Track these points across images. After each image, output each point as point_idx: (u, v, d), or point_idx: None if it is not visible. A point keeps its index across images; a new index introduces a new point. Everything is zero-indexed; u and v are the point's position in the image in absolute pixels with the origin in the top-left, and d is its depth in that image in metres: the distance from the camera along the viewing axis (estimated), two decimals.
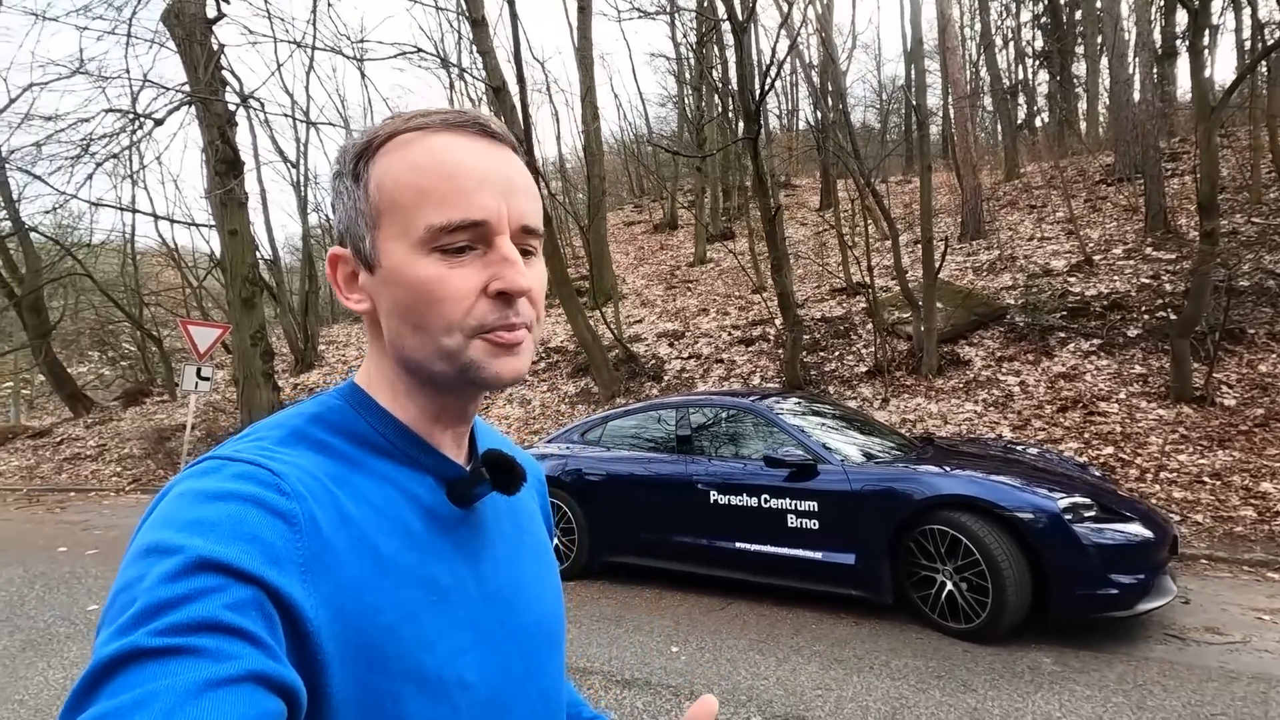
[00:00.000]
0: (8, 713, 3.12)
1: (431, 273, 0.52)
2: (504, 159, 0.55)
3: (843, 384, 8.41)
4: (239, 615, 0.38)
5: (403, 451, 0.56)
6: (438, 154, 0.53)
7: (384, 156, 0.54)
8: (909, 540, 3.60)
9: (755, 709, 2.84)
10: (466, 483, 0.58)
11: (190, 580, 0.38)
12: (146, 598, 0.37)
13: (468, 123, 0.55)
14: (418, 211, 0.52)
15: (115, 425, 13.83)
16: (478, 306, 0.52)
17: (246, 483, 0.45)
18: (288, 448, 0.51)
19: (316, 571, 0.45)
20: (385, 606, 0.48)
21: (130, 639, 0.36)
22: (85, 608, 4.54)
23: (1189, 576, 4.12)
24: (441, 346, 0.53)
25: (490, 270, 0.52)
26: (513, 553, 0.62)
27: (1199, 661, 3.07)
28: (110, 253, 18.44)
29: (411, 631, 0.48)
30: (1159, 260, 8.79)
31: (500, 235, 0.53)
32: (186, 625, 0.36)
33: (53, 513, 8.50)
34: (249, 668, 0.37)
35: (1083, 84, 19.36)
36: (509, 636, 0.57)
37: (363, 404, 0.57)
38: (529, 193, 0.56)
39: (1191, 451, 5.70)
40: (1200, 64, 7.16)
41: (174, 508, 0.43)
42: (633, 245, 19.54)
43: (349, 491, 0.51)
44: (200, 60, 10.49)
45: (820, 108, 14.24)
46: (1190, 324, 6.32)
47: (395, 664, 0.47)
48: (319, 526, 0.46)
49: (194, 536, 0.40)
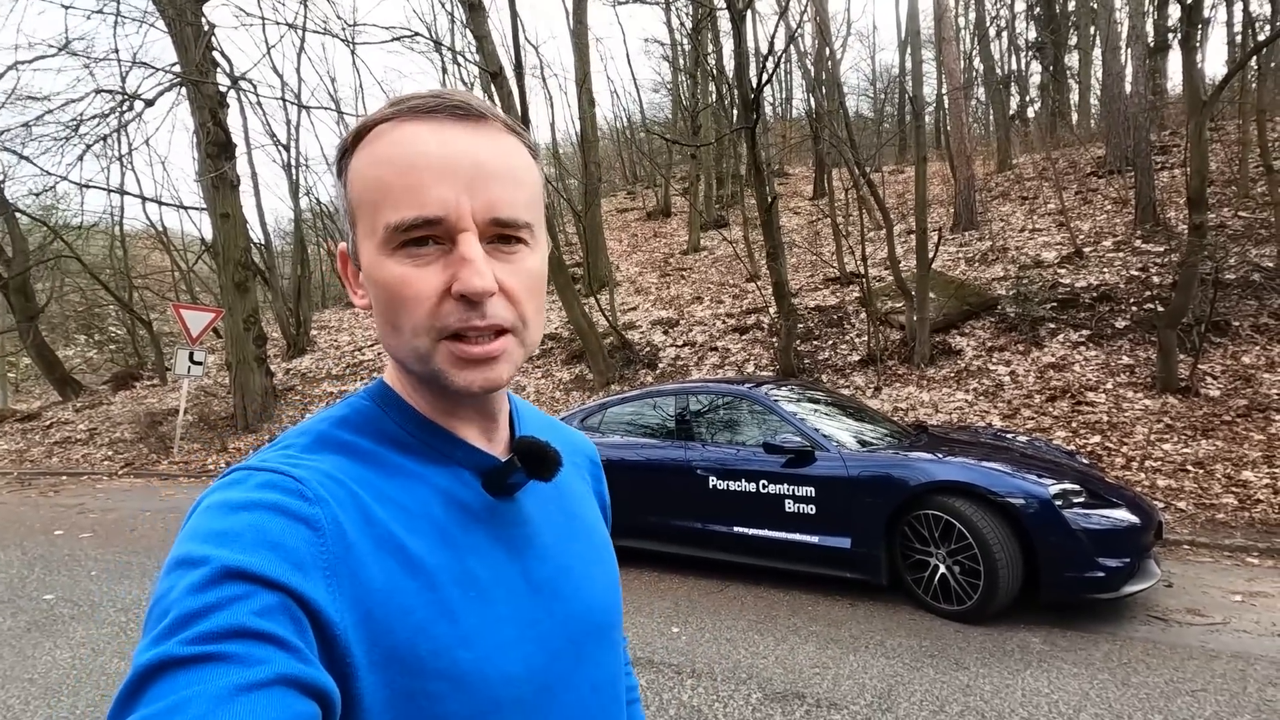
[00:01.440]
0: (19, 691, 3.16)
1: (396, 273, 0.50)
2: (480, 142, 0.52)
3: (836, 372, 8.51)
4: (267, 621, 0.39)
5: (431, 447, 0.56)
6: (400, 146, 0.50)
7: (359, 152, 0.52)
8: (904, 524, 3.69)
9: (755, 686, 2.93)
10: (500, 472, 0.57)
11: (217, 590, 0.39)
12: (178, 609, 0.39)
13: (440, 107, 0.51)
14: (379, 210, 0.50)
15: (105, 409, 13.74)
16: (443, 308, 0.50)
17: (270, 491, 0.46)
18: (313, 453, 0.52)
19: (341, 575, 0.45)
20: (416, 606, 0.48)
21: (163, 648, 0.37)
22: (87, 589, 4.57)
23: (1172, 561, 4.24)
24: (413, 349, 0.52)
25: (451, 270, 0.50)
26: (562, 540, 0.62)
27: (1181, 641, 3.19)
28: (98, 235, 18.20)
29: (446, 629, 0.48)
30: (1148, 253, 8.92)
31: (463, 232, 0.50)
32: (215, 633, 0.38)
33: (46, 496, 8.47)
34: (279, 671, 0.38)
35: (1075, 75, 19.45)
36: (558, 627, 0.56)
37: (389, 401, 0.57)
38: (511, 178, 0.52)
39: (1176, 441, 5.83)
40: (1192, 58, 7.24)
41: (201, 521, 0.44)
42: (626, 232, 19.51)
43: (375, 492, 0.51)
44: (190, 41, 10.37)
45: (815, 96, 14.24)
46: (1177, 316, 6.44)
47: (430, 663, 0.47)
48: (343, 530, 0.47)
49: (219, 548, 0.41)
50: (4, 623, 4.01)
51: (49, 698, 3.09)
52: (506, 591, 0.54)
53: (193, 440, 10.98)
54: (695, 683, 2.98)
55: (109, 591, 4.53)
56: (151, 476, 9.65)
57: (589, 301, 11.31)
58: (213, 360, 14.49)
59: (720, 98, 17.75)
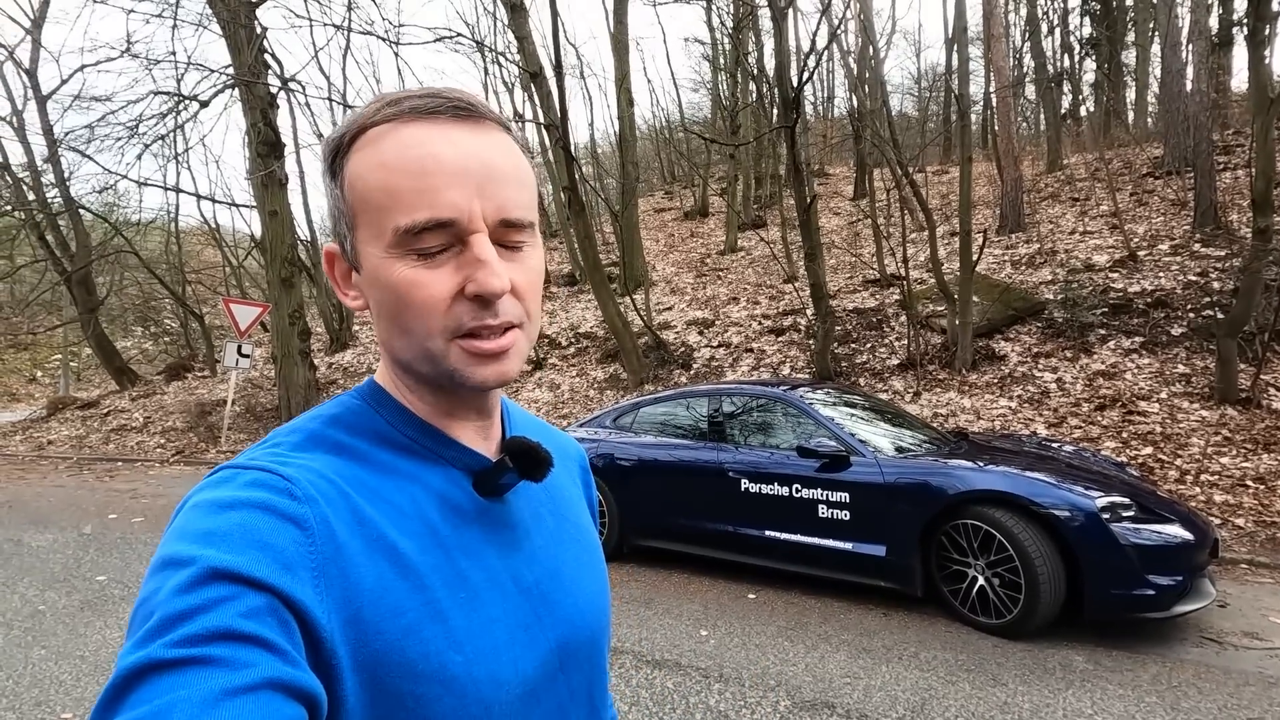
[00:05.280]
0: (70, 667, 3.30)
1: (407, 276, 0.50)
2: (486, 143, 0.51)
3: (874, 376, 8.35)
4: (254, 623, 0.38)
5: (423, 446, 0.56)
6: (407, 149, 0.49)
7: (356, 153, 0.51)
8: (941, 534, 3.60)
9: (784, 694, 2.88)
10: (492, 473, 0.57)
11: (203, 591, 0.38)
12: (163, 610, 0.38)
13: (441, 107, 0.51)
14: (387, 214, 0.49)
15: (159, 399, 14.29)
16: (455, 308, 0.50)
17: (257, 490, 0.45)
18: (303, 452, 0.51)
19: (330, 576, 0.44)
20: (406, 608, 0.47)
21: (147, 651, 0.36)
22: (137, 571, 4.75)
23: (1228, 580, 4.05)
24: (425, 350, 0.51)
25: (464, 272, 0.50)
26: (553, 542, 0.61)
27: (1236, 666, 3.03)
28: (155, 231, 18.97)
29: (436, 631, 0.48)
30: (1207, 257, 8.53)
31: (475, 234, 0.50)
32: (201, 635, 0.37)
33: (102, 481, 8.85)
34: (266, 675, 0.37)
35: (1131, 73, 18.75)
36: (546, 630, 0.56)
37: (381, 401, 0.57)
38: (516, 180, 0.52)
39: (1235, 454, 5.56)
40: (1259, 53, 6.89)
41: (188, 520, 0.43)
42: (663, 232, 19.49)
43: (366, 492, 0.50)
44: (244, 43, 10.70)
45: (857, 95, 14.01)
46: (1239, 324, 6.14)
47: (420, 665, 0.46)
48: (332, 530, 0.46)
49: (205, 547, 0.40)
50: (59, 601, 4.20)
51: (99, 674, 3.22)
52: (498, 593, 0.53)
53: (239, 430, 11.34)
54: (723, 687, 2.95)
55: None
56: (200, 464, 10.00)
57: (624, 301, 11.32)
58: (259, 353, 14.96)
59: (760, 96, 17.60)
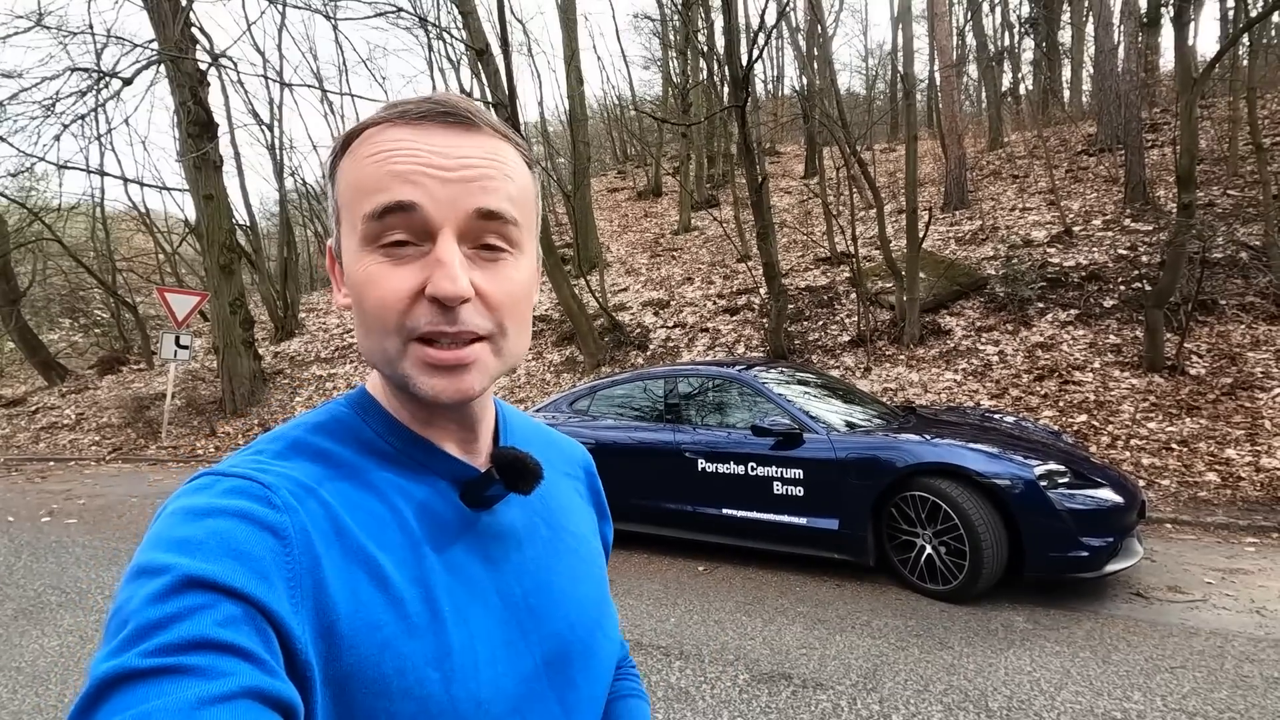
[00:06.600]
0: (5, 679, 3.15)
1: (371, 271, 0.49)
2: (470, 145, 0.50)
3: (826, 353, 8.52)
4: (230, 631, 0.38)
5: (409, 456, 0.54)
6: (384, 145, 0.49)
7: (348, 155, 0.51)
8: (890, 505, 3.72)
9: (743, 667, 2.96)
10: (478, 484, 0.55)
11: (178, 599, 0.38)
12: (137, 619, 0.37)
13: (430, 113, 0.50)
14: (358, 205, 0.49)
15: (92, 394, 13.61)
16: (415, 309, 0.48)
17: (236, 498, 0.44)
18: (285, 459, 0.50)
19: (306, 587, 0.43)
20: (384, 621, 0.46)
21: (122, 660, 0.35)
22: (75, 576, 4.55)
23: (1155, 539, 4.30)
24: (382, 349, 0.50)
25: (427, 272, 0.48)
26: (544, 555, 0.59)
27: (1161, 618, 3.24)
28: (79, 217, 17.90)
29: (414, 647, 0.46)
30: (1137, 232, 8.93)
31: (441, 229, 0.48)
32: (177, 645, 0.36)
33: (33, 482, 8.41)
34: (244, 684, 0.36)
35: (1068, 52, 19.32)
36: (532, 646, 0.54)
37: (368, 409, 0.55)
38: (496, 173, 0.51)
39: (1161, 419, 5.89)
40: (1184, 34, 7.19)
41: (164, 527, 0.43)
42: (616, 212, 19.37)
43: (348, 502, 0.49)
44: (168, 16, 10.12)
45: (807, 74, 14.09)
46: (1165, 295, 6.46)
47: (395, 681, 0.45)
48: (310, 540, 0.45)
49: (180, 555, 0.40)
50: None
51: (36, 685, 3.08)
52: (480, 608, 0.52)
53: (181, 425, 10.91)
54: (683, 664, 3.01)
55: (97, 578, 4.51)
56: (140, 462, 9.59)
57: (579, 283, 11.25)
58: (200, 344, 14.36)
59: (711, 75, 17.56)
